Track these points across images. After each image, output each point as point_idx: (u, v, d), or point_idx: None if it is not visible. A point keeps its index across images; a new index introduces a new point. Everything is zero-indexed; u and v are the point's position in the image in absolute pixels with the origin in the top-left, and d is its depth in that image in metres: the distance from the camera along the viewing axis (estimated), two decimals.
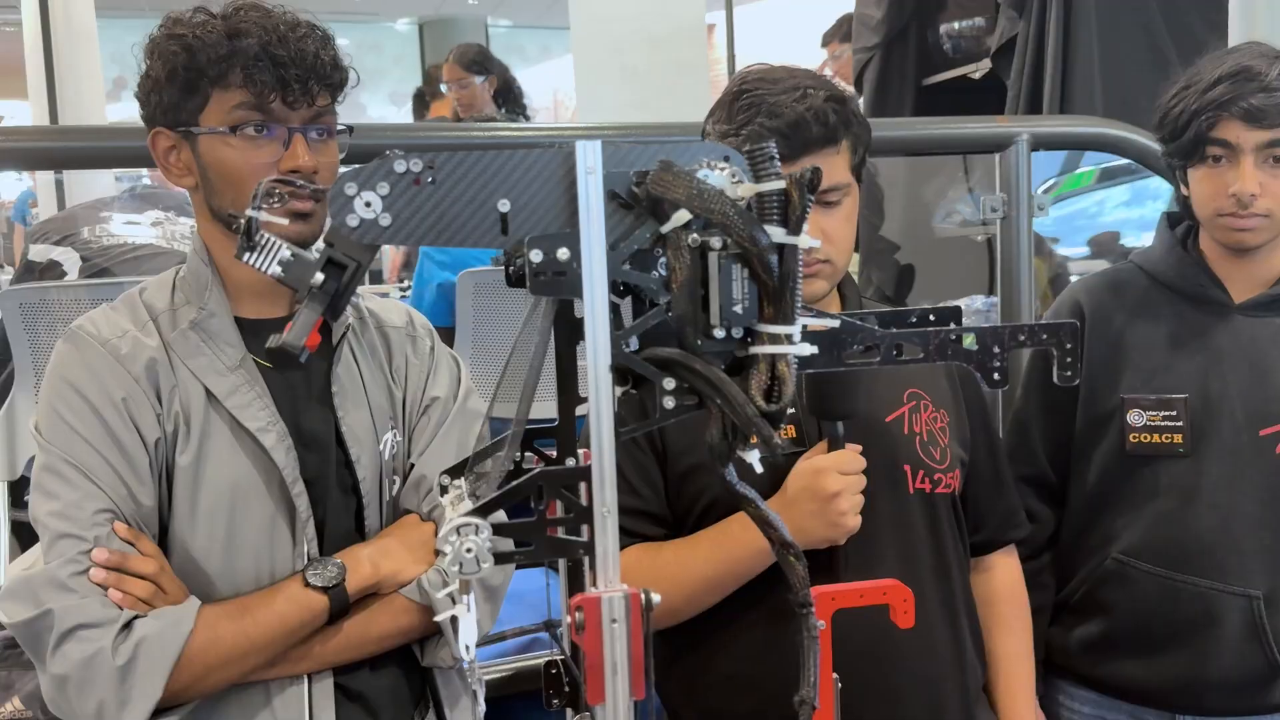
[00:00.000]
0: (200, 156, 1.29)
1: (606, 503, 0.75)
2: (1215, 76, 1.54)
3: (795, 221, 0.74)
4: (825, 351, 0.81)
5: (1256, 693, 1.60)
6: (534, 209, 0.75)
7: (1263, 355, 1.60)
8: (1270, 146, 1.52)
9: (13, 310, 2.25)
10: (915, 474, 1.44)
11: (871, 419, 1.42)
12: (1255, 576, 1.58)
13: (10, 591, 1.22)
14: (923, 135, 2.62)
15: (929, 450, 1.46)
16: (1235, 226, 1.56)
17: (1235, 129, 1.52)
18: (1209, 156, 1.56)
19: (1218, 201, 1.56)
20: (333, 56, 1.30)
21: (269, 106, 1.26)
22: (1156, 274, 1.69)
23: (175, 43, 1.26)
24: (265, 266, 0.78)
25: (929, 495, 1.45)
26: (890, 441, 1.44)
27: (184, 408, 1.28)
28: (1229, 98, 1.52)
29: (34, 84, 4.87)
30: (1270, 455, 1.58)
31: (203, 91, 1.26)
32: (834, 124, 1.36)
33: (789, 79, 1.38)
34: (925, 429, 1.47)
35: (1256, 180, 1.52)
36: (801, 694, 0.79)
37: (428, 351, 1.45)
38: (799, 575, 0.79)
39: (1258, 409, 1.59)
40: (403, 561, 1.32)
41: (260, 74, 1.24)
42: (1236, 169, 1.53)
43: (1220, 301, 1.63)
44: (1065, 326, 0.83)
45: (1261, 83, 1.51)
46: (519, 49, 11.25)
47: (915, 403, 1.47)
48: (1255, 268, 1.63)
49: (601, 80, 4.45)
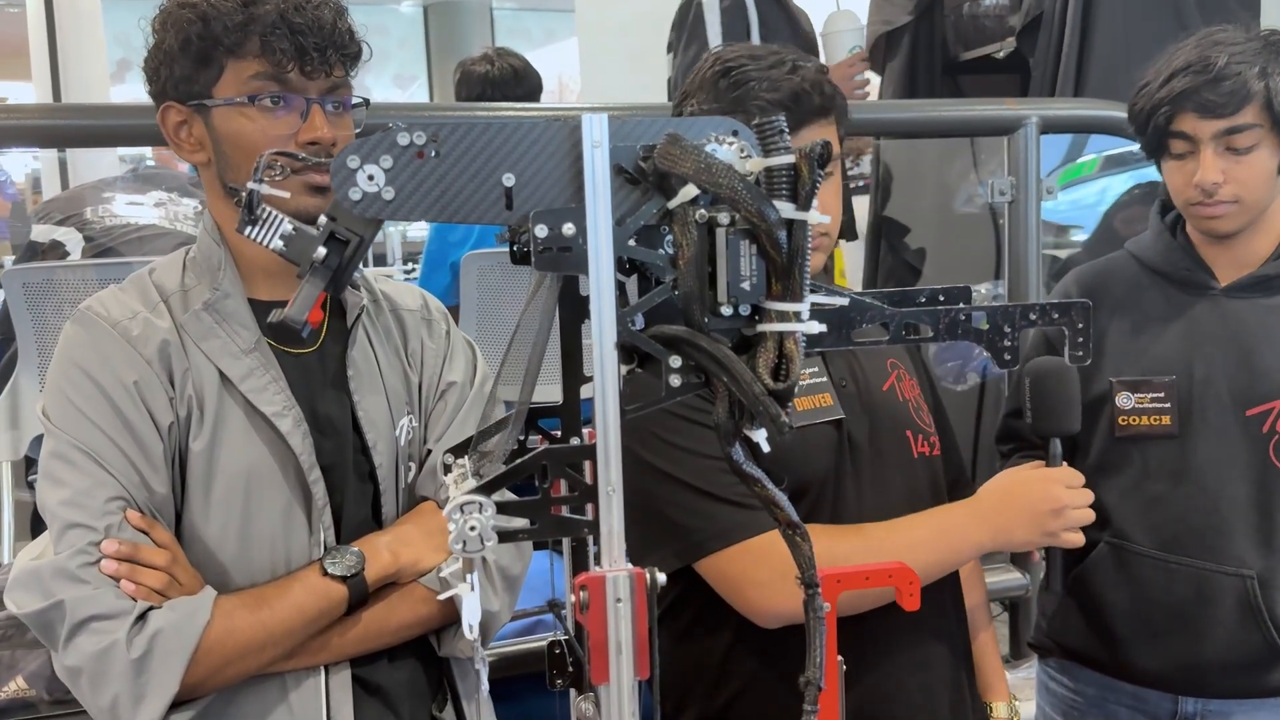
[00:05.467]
0: (214, 130, 1.25)
1: (612, 481, 0.74)
2: (1170, 71, 1.57)
3: (805, 196, 0.73)
4: (834, 330, 0.80)
5: (1257, 674, 1.61)
6: (539, 183, 0.74)
7: (1248, 336, 1.62)
8: (1227, 135, 1.54)
9: (16, 290, 2.24)
10: (916, 439, 1.47)
11: (870, 390, 1.44)
12: (1248, 556, 1.59)
13: (19, 582, 1.19)
14: (931, 117, 2.61)
15: (920, 415, 1.49)
16: (1205, 215, 1.59)
17: (1191, 121, 1.55)
18: (1172, 149, 1.59)
19: (1186, 193, 1.59)
20: (348, 27, 1.27)
21: (286, 76, 1.23)
22: (1146, 260, 1.71)
23: (189, 11, 1.22)
24: (267, 240, 0.77)
25: (928, 458, 1.48)
26: (891, 410, 1.45)
27: (197, 391, 1.24)
28: (1183, 91, 1.54)
29: (37, 65, 4.85)
30: (1257, 435, 1.59)
31: (217, 62, 1.23)
32: (828, 93, 1.37)
33: (770, 55, 1.37)
34: (911, 395, 1.50)
35: (1218, 169, 1.55)
36: (807, 675, 0.79)
37: (443, 335, 1.43)
38: (805, 556, 0.79)
39: (1243, 389, 1.61)
40: (422, 550, 1.29)
41: (279, 42, 1.20)
42: (1196, 160, 1.56)
43: (1205, 284, 1.65)
44: (1077, 305, 0.82)
45: (1213, 73, 1.53)
46: (524, 32, 11.20)
47: (897, 371, 1.50)
48: (1239, 251, 1.64)
49: (606, 63, 4.44)
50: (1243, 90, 1.52)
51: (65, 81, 4.78)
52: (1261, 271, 1.62)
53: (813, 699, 0.79)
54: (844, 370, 1.44)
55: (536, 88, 3.23)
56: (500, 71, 3.13)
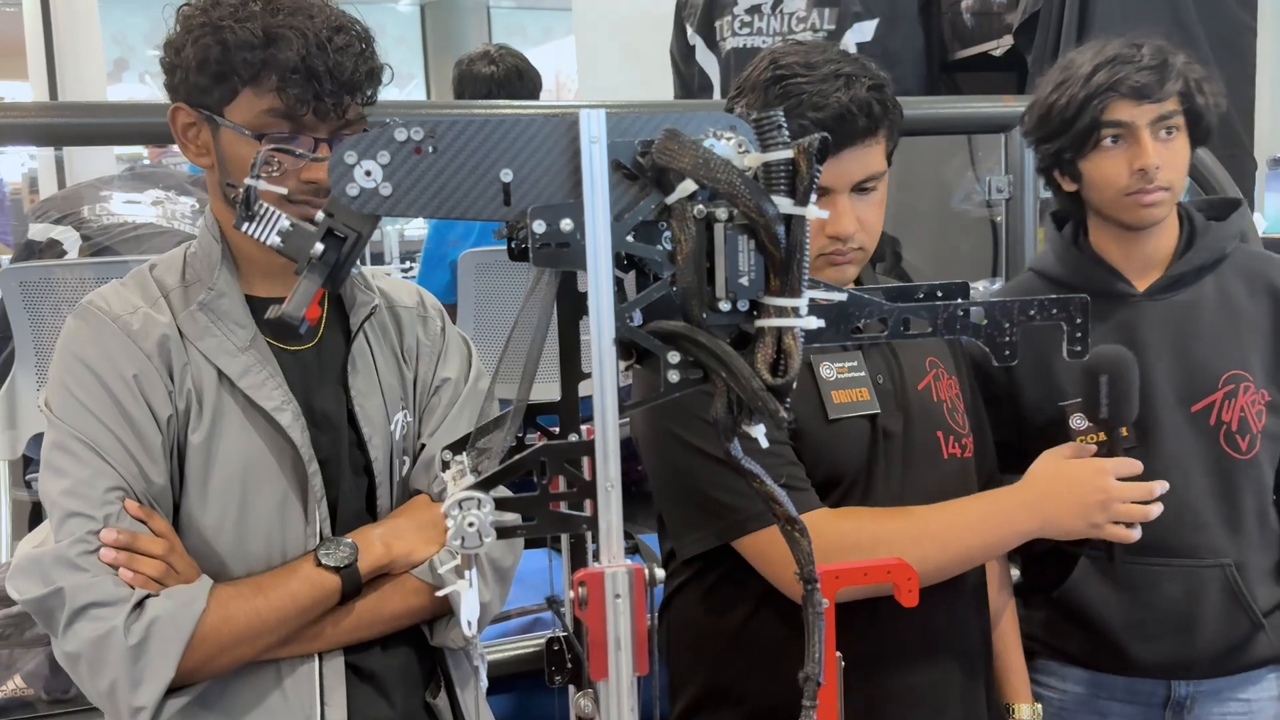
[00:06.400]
0: (220, 145, 1.26)
1: (610, 477, 0.74)
2: (1093, 65, 1.59)
3: (803, 192, 0.73)
4: (832, 325, 0.80)
5: (1242, 651, 1.66)
6: (537, 179, 0.74)
7: (1177, 335, 1.65)
8: (1161, 120, 1.58)
9: (13, 289, 2.24)
10: (947, 440, 1.47)
11: (905, 388, 1.45)
12: (1223, 545, 1.63)
13: (20, 569, 1.21)
14: (928, 115, 2.61)
15: (954, 416, 1.49)
16: (1143, 203, 1.60)
17: (1127, 108, 1.58)
18: (1105, 139, 1.60)
19: (1122, 180, 1.60)
20: (370, 69, 1.26)
21: (299, 117, 1.22)
22: (1057, 278, 1.72)
23: (210, 35, 1.21)
24: (264, 236, 0.77)
25: (960, 459, 1.48)
26: (924, 410, 1.45)
27: (196, 385, 1.27)
28: (1116, 79, 1.57)
29: (34, 65, 4.84)
30: (1205, 428, 1.63)
31: (233, 85, 1.22)
32: (877, 114, 1.35)
33: (826, 64, 1.35)
34: (948, 395, 1.50)
35: (1156, 151, 1.57)
36: (806, 670, 0.78)
37: (439, 332, 1.44)
38: (804, 552, 0.79)
39: (1184, 387, 1.64)
40: (414, 542, 1.32)
41: (294, 87, 1.20)
42: (1135, 146, 1.58)
43: (1126, 293, 1.67)
44: (1076, 301, 0.82)
45: (1138, 63, 1.57)
46: (521, 30, 11.19)
47: (935, 370, 1.50)
48: (1147, 248, 1.67)
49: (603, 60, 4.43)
50: (1170, 74, 1.56)
51: (62, 81, 4.77)
52: (1174, 271, 1.67)
53: (811, 694, 0.79)
54: (881, 366, 1.44)
55: (538, 86, 3.21)
56: (505, 72, 3.10)
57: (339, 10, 1.26)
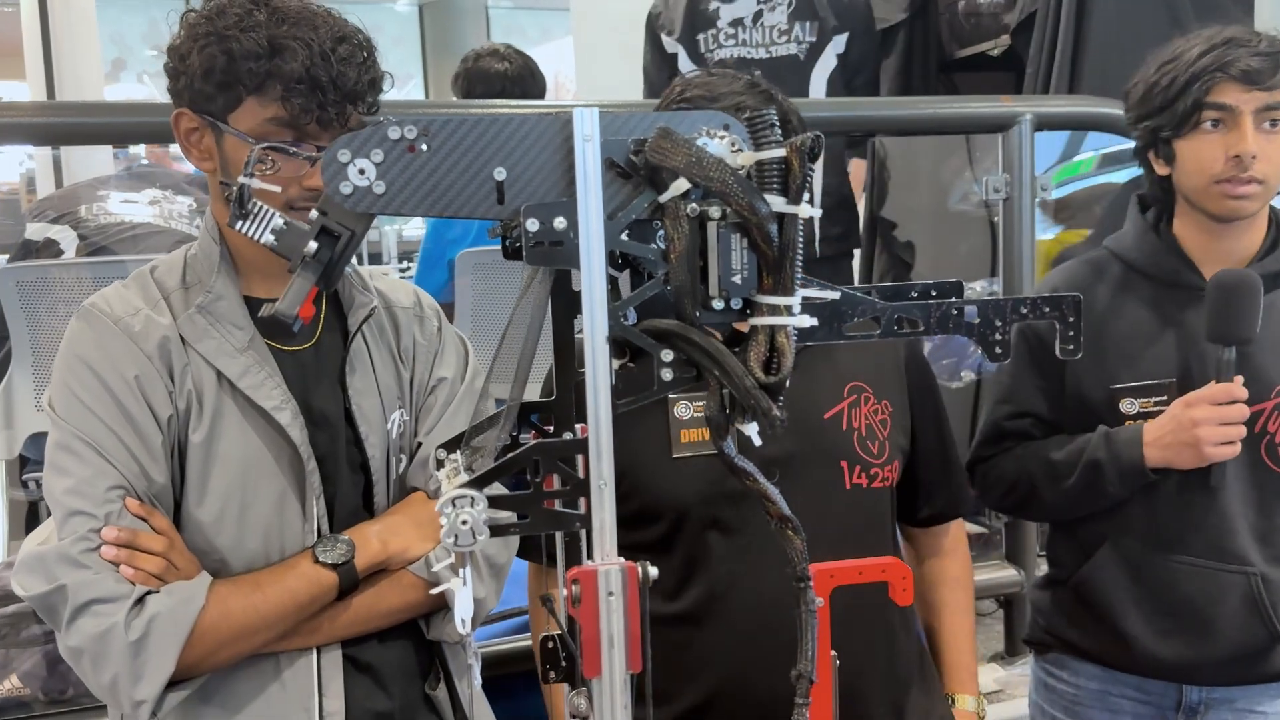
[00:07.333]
0: (223, 151, 1.27)
1: (604, 475, 0.74)
2: (1205, 46, 1.55)
3: (795, 190, 0.73)
4: (825, 323, 0.80)
5: (1258, 662, 1.63)
6: (530, 177, 0.74)
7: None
8: (1267, 110, 1.53)
9: (10, 289, 2.24)
10: (852, 469, 1.45)
11: (807, 416, 1.43)
12: (1250, 553, 1.60)
13: (24, 566, 1.24)
14: (927, 115, 2.61)
15: (866, 445, 1.47)
16: (1233, 194, 1.55)
17: (1234, 91, 1.53)
18: (1205, 122, 1.55)
19: (1216, 166, 1.55)
20: (372, 78, 1.28)
21: (302, 127, 1.23)
22: (1131, 260, 1.69)
23: (216, 44, 1.22)
24: (258, 234, 0.77)
25: (865, 490, 1.46)
26: (826, 438, 1.45)
27: (196, 386, 1.28)
28: (1226, 61, 1.52)
29: (32, 65, 4.84)
30: (1250, 434, 1.59)
31: (237, 93, 1.23)
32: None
33: (730, 95, 1.35)
34: (864, 423, 1.47)
35: (1256, 141, 1.53)
36: (799, 668, 0.79)
37: (435, 332, 1.46)
38: (797, 549, 0.79)
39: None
40: (410, 539, 1.34)
41: (298, 97, 1.21)
42: (1235, 131, 1.53)
43: (1195, 286, 1.62)
44: (1069, 299, 0.82)
45: (1253, 47, 1.53)
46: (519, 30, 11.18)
47: (856, 397, 1.48)
48: (1229, 244, 1.62)
49: (601, 60, 4.43)
50: None
51: (59, 80, 4.77)
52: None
53: (804, 692, 0.79)
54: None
55: (545, 86, 3.19)
56: (518, 69, 3.08)
57: (342, 20, 1.28)
